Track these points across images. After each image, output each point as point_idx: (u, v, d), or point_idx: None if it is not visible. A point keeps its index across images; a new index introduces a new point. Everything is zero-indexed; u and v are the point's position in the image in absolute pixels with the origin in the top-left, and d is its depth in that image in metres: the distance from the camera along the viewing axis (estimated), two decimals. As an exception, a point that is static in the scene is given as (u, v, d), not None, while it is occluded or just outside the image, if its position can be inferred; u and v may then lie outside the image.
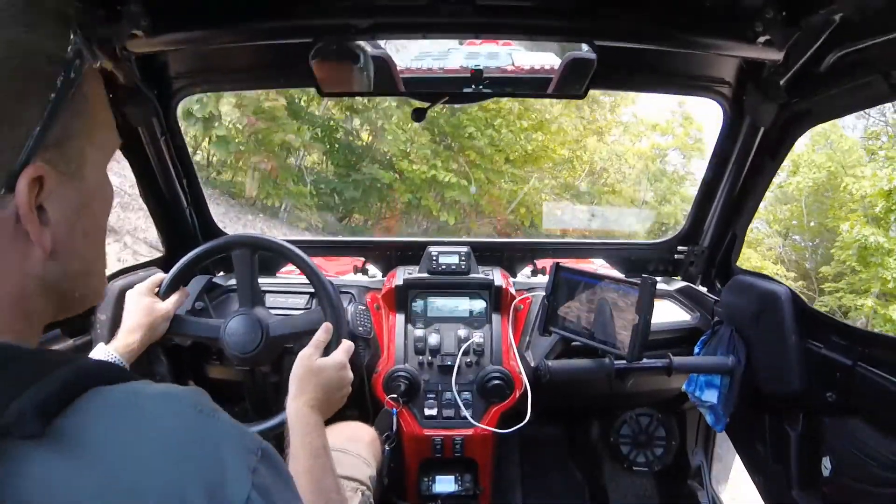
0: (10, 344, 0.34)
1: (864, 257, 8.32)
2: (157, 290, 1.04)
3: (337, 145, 8.50)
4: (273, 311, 1.15)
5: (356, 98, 7.04)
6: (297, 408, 0.79)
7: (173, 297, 1.03)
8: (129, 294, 1.01)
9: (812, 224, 11.21)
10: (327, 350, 0.91)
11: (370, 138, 8.74)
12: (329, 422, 1.15)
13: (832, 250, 9.69)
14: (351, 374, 0.90)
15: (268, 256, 1.32)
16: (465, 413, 1.20)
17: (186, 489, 0.31)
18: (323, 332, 0.92)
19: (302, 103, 7.59)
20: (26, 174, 0.33)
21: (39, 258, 0.36)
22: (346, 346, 0.93)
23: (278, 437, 0.81)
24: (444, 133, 8.64)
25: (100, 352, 0.91)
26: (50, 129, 0.35)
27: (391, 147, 8.14)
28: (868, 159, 10.14)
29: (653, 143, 12.16)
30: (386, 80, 1.02)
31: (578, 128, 9.83)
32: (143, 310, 0.98)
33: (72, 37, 0.36)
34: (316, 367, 0.85)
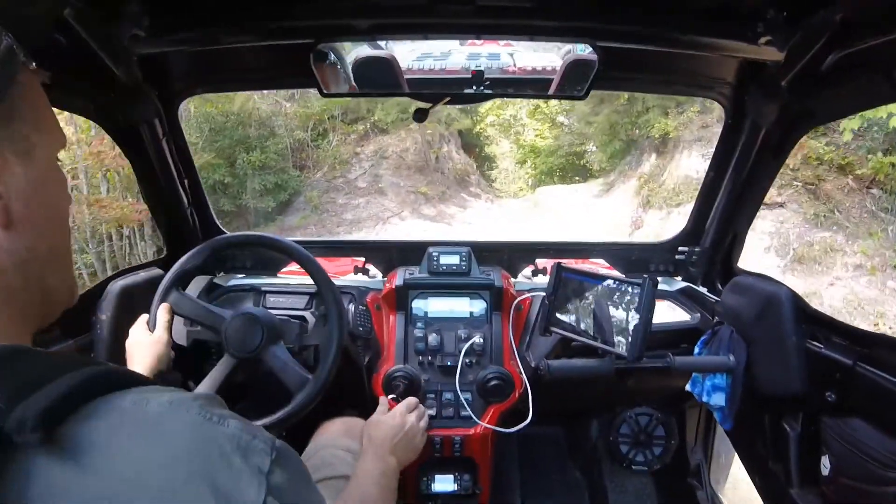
0: (19, 346, 0.34)
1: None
2: (148, 326, 1.05)
3: None
4: (273, 311, 1.15)
5: None
6: (365, 464, 0.93)
7: (162, 322, 1.03)
8: (127, 344, 1.02)
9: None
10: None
11: None
12: (330, 417, 1.17)
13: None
14: (412, 420, 1.05)
15: (268, 256, 1.32)
16: (469, 412, 1.20)
17: (196, 498, 0.31)
18: (383, 406, 1.09)
19: None
20: None
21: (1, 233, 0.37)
22: (410, 402, 1.09)
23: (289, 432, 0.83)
24: None
25: None
26: None
27: None
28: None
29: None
30: (390, 80, 1.02)
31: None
32: (143, 350, 1.00)
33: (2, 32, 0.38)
34: (393, 425, 1.01)
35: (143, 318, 1.06)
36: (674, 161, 7.99)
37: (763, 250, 6.01)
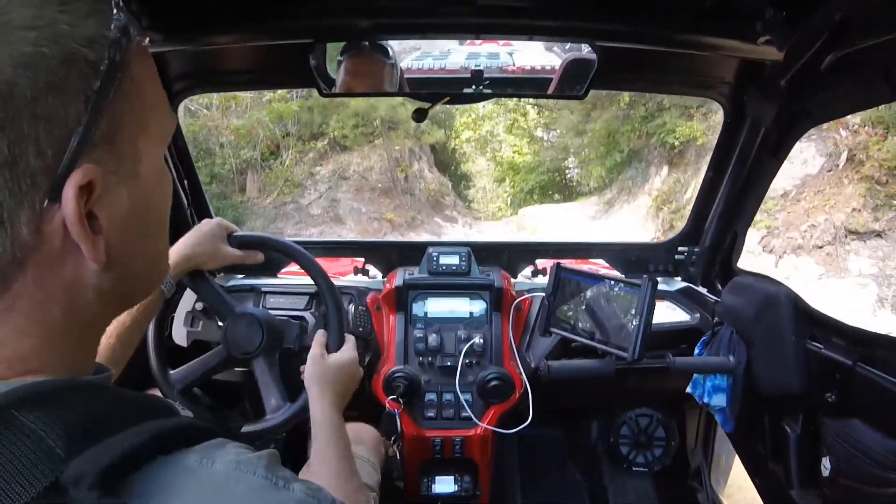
0: (79, 380, 0.32)
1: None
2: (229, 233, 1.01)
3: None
4: (273, 312, 1.15)
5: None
6: (324, 409, 0.81)
7: (238, 252, 1.00)
8: (207, 221, 0.99)
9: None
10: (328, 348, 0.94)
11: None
12: None
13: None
14: (361, 369, 0.95)
15: (268, 256, 1.31)
16: (469, 413, 1.20)
17: None
18: (321, 335, 0.95)
19: None
20: (73, 180, 0.29)
21: (93, 271, 0.32)
22: (352, 341, 0.96)
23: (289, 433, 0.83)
24: None
25: None
26: (97, 124, 0.30)
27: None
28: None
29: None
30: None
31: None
32: (206, 237, 0.95)
33: (115, 11, 0.30)
34: (333, 365, 0.88)
35: (231, 226, 1.01)
36: (700, 173, 5.86)
37: (874, 305, 4.24)
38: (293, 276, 1.43)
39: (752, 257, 5.50)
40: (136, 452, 0.29)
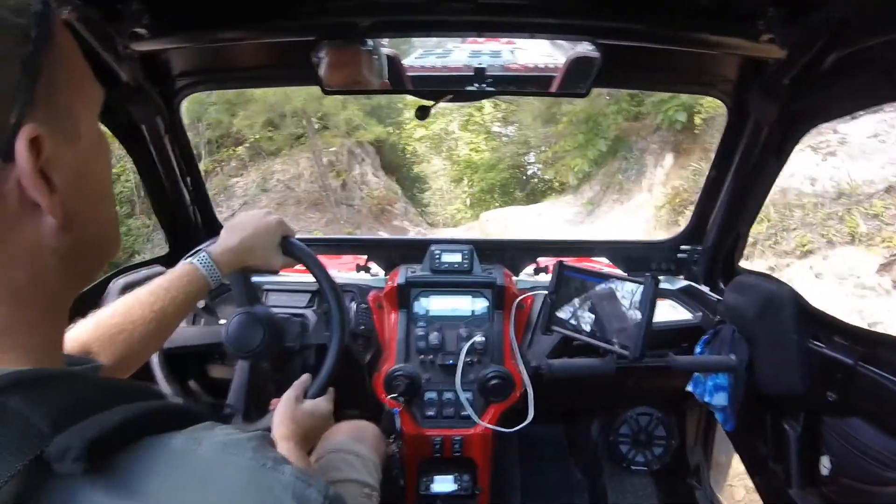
0: (54, 370, 0.32)
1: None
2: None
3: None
4: (275, 310, 1.15)
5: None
6: (290, 449, 0.80)
7: (284, 260, 0.93)
8: (268, 219, 0.91)
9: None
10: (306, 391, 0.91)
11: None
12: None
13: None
14: (332, 422, 0.93)
15: None
16: (469, 411, 1.20)
17: None
18: (305, 379, 0.92)
19: None
20: (23, 135, 0.31)
21: (52, 229, 0.33)
22: (331, 394, 0.94)
23: None
24: None
25: (197, 255, 0.83)
26: (35, 84, 0.32)
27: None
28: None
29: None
30: (393, 77, 1.02)
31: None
32: (265, 240, 0.88)
33: None
34: (305, 410, 0.86)
35: (291, 232, 0.93)
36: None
37: None
38: (294, 273, 1.43)
39: (875, 297, 3.49)
40: (122, 428, 0.29)
